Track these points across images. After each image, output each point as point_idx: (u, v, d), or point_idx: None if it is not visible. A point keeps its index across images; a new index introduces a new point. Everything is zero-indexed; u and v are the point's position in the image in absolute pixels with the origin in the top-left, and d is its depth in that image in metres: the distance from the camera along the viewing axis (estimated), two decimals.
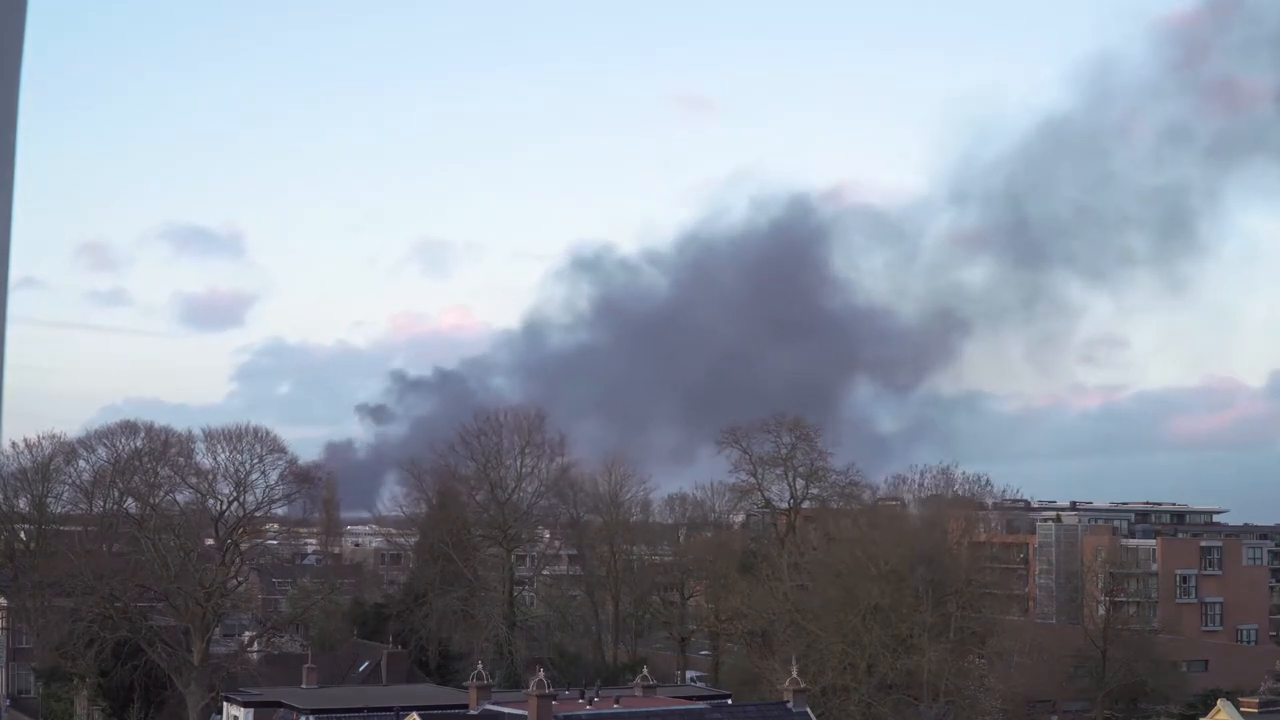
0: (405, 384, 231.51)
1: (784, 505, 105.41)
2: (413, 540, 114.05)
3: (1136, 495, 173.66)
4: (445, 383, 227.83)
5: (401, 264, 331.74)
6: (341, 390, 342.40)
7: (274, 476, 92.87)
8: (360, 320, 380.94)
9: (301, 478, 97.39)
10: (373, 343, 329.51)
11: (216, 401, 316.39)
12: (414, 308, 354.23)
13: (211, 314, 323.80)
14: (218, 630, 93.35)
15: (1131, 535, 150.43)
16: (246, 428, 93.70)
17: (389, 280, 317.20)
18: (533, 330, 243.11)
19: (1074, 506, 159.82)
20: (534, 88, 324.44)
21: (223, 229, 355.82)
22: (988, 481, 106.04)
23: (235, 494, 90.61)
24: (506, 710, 55.75)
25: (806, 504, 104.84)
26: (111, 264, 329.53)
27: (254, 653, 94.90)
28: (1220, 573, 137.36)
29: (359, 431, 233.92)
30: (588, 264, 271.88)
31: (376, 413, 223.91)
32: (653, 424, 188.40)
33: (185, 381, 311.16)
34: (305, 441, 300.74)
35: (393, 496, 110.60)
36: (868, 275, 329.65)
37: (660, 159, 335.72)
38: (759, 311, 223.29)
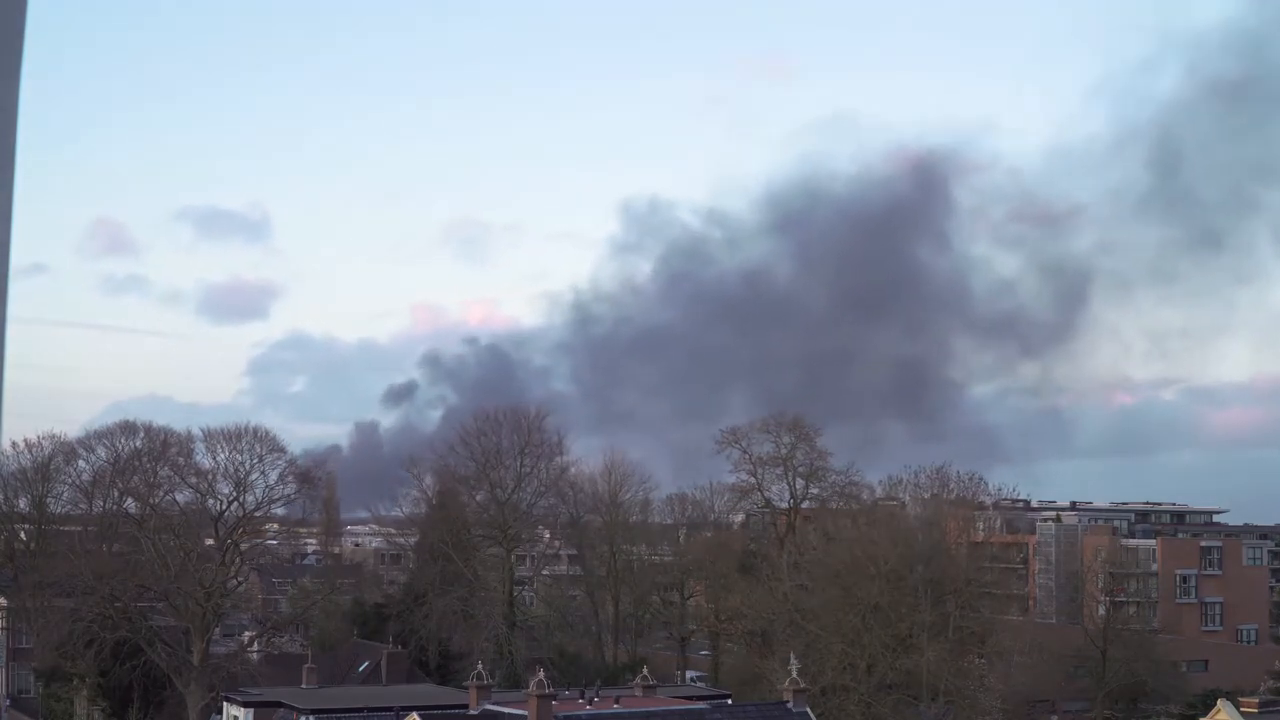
0: (439, 368, 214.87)
1: (784, 505, 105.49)
2: (413, 540, 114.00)
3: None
4: (487, 360, 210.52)
5: (435, 248, 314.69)
6: (362, 386, 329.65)
7: (274, 476, 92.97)
8: (385, 312, 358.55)
9: (302, 478, 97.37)
10: (396, 337, 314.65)
11: (227, 400, 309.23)
12: (445, 297, 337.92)
13: (234, 306, 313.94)
14: (218, 630, 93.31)
15: (1131, 535, 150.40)
16: (246, 427, 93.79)
17: (421, 267, 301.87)
18: (586, 305, 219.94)
19: (1074, 506, 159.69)
20: (584, 54, 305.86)
21: (249, 211, 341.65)
22: (983, 480, 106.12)
23: (235, 494, 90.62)
24: (506, 710, 55.73)
25: (806, 504, 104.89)
26: (131, 248, 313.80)
27: (254, 653, 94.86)
28: (1220, 573, 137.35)
29: (387, 420, 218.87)
30: (653, 230, 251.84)
31: (403, 394, 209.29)
32: (732, 408, 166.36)
33: (201, 378, 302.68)
34: (321, 439, 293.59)
35: (434, 481, 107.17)
36: (989, 241, 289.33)
37: (740, 123, 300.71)
38: (855, 281, 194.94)
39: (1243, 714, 61.46)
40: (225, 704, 73.43)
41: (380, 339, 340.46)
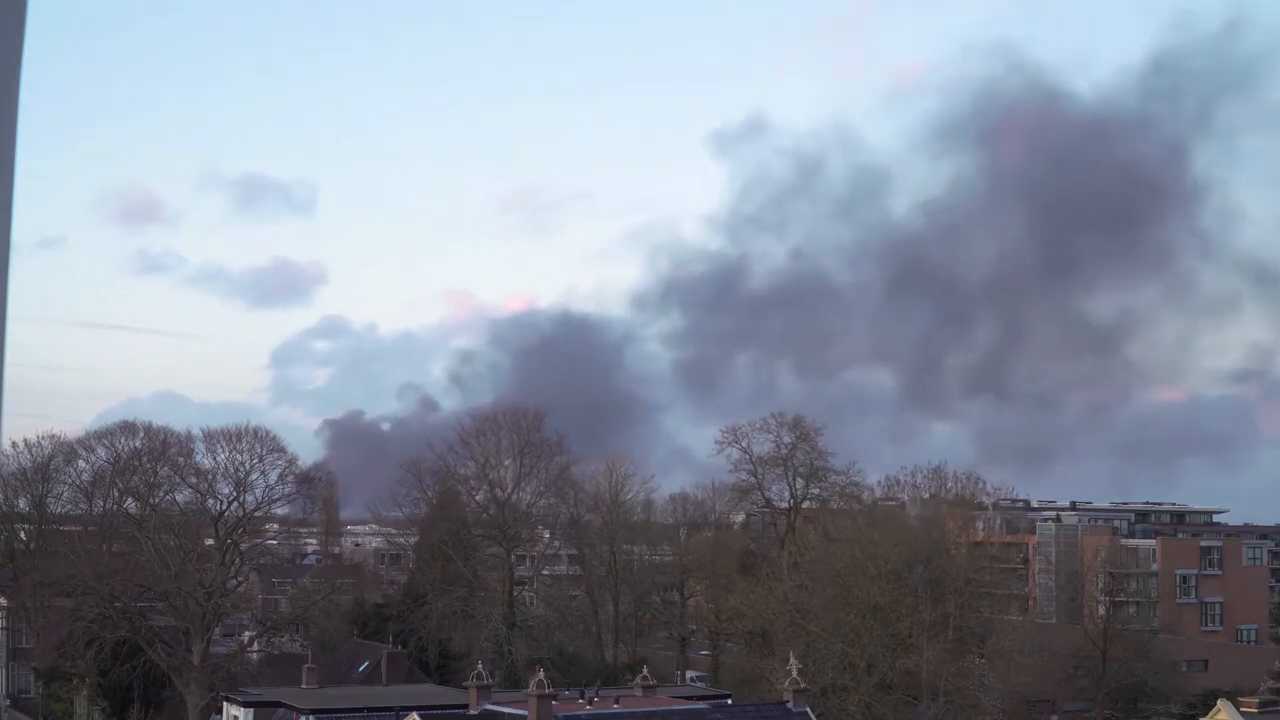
0: (506, 347, 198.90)
1: (784, 505, 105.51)
2: (413, 540, 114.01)
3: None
4: (563, 338, 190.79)
5: (494, 225, 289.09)
6: (391, 381, 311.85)
7: (274, 476, 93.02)
8: (429, 297, 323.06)
9: (302, 478, 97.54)
10: (432, 328, 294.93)
11: (244, 397, 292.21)
12: (499, 280, 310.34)
13: (273, 289, 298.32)
14: (218, 630, 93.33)
15: (1131, 535, 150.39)
16: (246, 428, 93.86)
17: (476, 248, 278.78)
18: (682, 263, 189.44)
19: (1074, 506, 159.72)
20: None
21: (296, 187, 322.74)
22: (981, 481, 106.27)
23: (235, 494, 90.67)
24: (506, 710, 55.75)
25: (806, 504, 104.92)
26: (166, 220, 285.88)
27: (254, 653, 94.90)
28: (1220, 573, 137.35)
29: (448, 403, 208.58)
30: (760, 172, 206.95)
31: (463, 372, 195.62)
32: (873, 389, 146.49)
33: (223, 372, 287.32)
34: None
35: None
36: (1237, 172, 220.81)
37: (869, 50, 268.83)
38: (1045, 224, 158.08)
39: (1243, 714, 61.41)
40: (225, 704, 73.46)
41: (420, 328, 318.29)
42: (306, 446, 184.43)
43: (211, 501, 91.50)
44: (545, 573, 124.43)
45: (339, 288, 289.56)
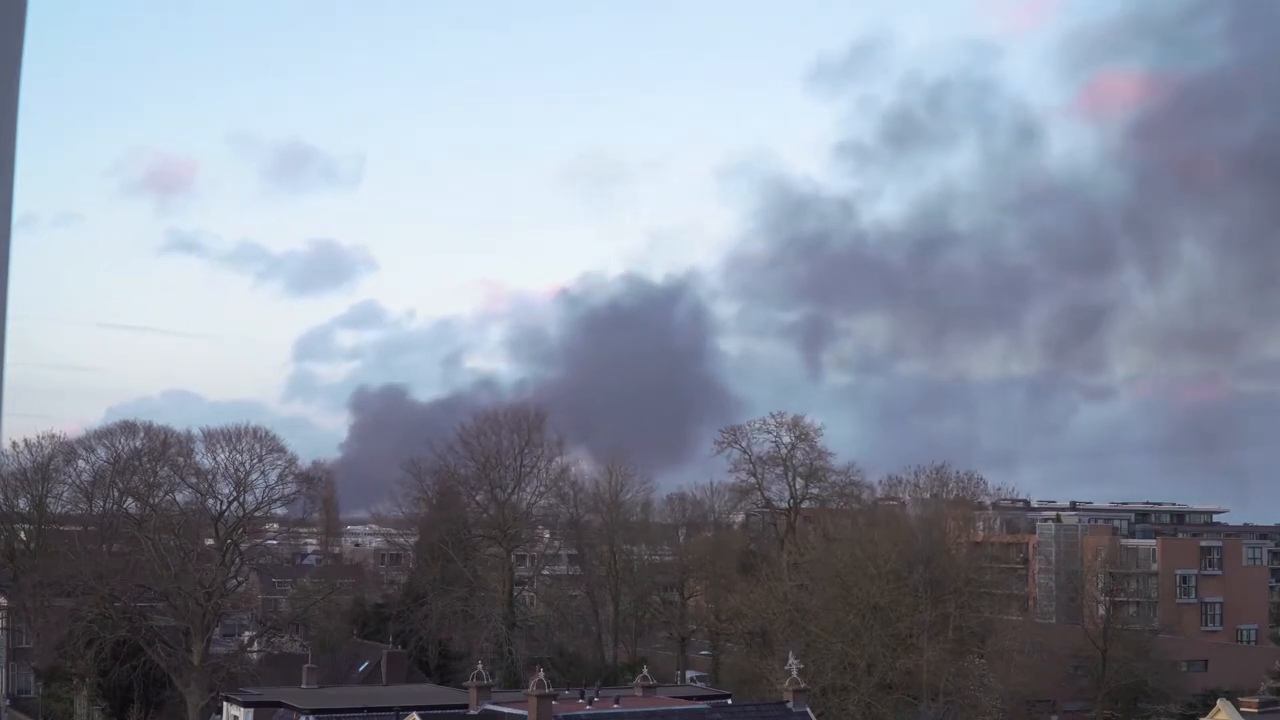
0: (575, 321, 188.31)
1: (784, 505, 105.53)
2: (413, 540, 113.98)
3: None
4: (636, 309, 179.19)
5: (550, 197, 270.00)
6: (422, 374, 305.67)
7: (274, 476, 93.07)
8: (464, 286, 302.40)
9: (302, 478, 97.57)
10: (468, 319, 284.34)
11: (257, 395, 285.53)
12: (549, 265, 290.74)
13: (314, 274, 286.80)
14: (218, 630, 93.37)
15: (1131, 535, 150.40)
16: (246, 428, 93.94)
17: (529, 228, 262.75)
18: (779, 210, 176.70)
19: (1074, 506, 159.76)
20: None
21: (343, 163, 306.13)
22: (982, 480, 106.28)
23: (235, 494, 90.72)
24: (506, 710, 55.76)
25: (806, 504, 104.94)
26: (199, 196, 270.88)
27: (254, 653, 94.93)
28: (1220, 573, 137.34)
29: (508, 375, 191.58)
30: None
31: (532, 346, 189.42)
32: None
33: (242, 370, 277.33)
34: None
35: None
36: None
37: None
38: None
39: (1243, 714, 61.39)
40: (225, 704, 73.47)
41: (458, 316, 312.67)
42: (326, 444, 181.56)
43: (211, 501, 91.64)
44: (545, 573, 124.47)
45: (377, 272, 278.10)
